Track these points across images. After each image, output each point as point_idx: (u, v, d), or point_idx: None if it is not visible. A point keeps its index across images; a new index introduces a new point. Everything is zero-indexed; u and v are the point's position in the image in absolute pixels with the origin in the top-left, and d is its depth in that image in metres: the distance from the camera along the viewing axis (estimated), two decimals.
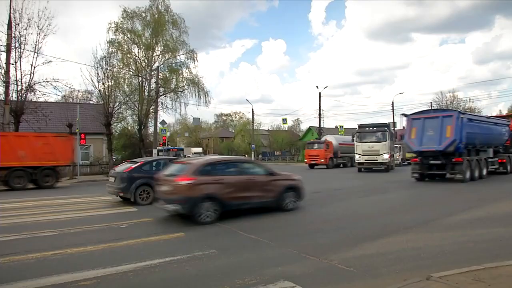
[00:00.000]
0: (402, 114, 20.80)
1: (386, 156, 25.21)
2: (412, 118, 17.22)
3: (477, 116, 21.96)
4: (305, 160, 34.99)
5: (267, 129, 71.79)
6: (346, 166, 34.39)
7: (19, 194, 15.41)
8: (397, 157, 31.75)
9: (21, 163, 17.59)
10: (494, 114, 31.44)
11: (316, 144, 34.35)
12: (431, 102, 53.32)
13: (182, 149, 37.13)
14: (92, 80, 26.24)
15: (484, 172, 17.49)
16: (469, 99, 66.98)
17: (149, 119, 31.48)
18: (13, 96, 22.00)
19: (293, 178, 10.29)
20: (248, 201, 8.96)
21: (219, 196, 8.32)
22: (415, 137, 16.52)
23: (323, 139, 35.85)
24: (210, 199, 8.20)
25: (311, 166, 33.73)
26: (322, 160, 32.96)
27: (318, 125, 45.29)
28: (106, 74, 25.88)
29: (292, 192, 9.80)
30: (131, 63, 30.74)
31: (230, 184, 8.60)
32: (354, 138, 26.97)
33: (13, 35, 20.83)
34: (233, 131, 77.91)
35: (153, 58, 31.47)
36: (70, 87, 27.65)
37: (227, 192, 8.47)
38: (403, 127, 27.32)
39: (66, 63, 78.28)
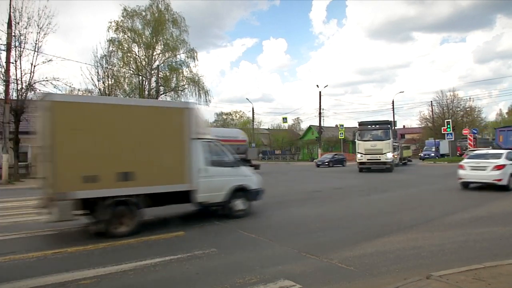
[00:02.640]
0: (495, 129, 33.88)
1: (389, 155, 24.21)
2: (499, 130, 29.19)
3: None
4: None
5: (267, 128, 71.73)
6: None
7: (19, 193, 15.40)
8: (395, 156, 28.98)
9: None
10: (495, 114, 41.22)
11: None
12: (431, 101, 53.47)
13: None
14: (92, 79, 26.38)
15: None
16: (470, 98, 67.53)
17: None
18: (13, 95, 21.98)
19: None
20: None
21: None
22: (502, 141, 26.88)
23: None
24: None
25: None
26: None
27: (318, 124, 45.30)
28: (106, 73, 25.95)
29: None
30: (131, 62, 30.74)
31: None
32: (356, 136, 26.68)
33: (13, 34, 20.77)
34: None
35: (153, 57, 31.49)
36: (70, 86, 27.57)
37: None
38: (403, 125, 29.93)
39: (66, 62, 77.81)
